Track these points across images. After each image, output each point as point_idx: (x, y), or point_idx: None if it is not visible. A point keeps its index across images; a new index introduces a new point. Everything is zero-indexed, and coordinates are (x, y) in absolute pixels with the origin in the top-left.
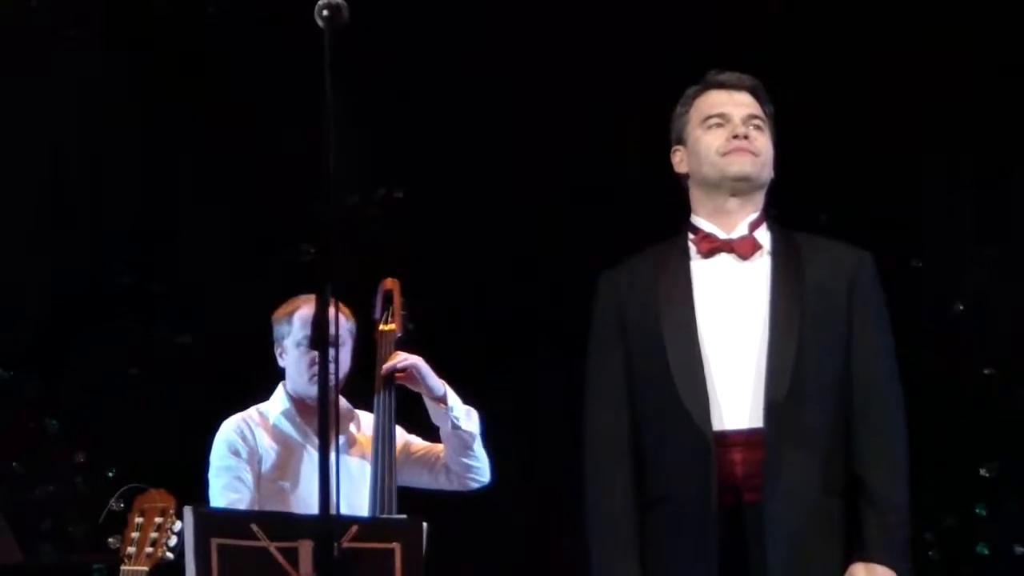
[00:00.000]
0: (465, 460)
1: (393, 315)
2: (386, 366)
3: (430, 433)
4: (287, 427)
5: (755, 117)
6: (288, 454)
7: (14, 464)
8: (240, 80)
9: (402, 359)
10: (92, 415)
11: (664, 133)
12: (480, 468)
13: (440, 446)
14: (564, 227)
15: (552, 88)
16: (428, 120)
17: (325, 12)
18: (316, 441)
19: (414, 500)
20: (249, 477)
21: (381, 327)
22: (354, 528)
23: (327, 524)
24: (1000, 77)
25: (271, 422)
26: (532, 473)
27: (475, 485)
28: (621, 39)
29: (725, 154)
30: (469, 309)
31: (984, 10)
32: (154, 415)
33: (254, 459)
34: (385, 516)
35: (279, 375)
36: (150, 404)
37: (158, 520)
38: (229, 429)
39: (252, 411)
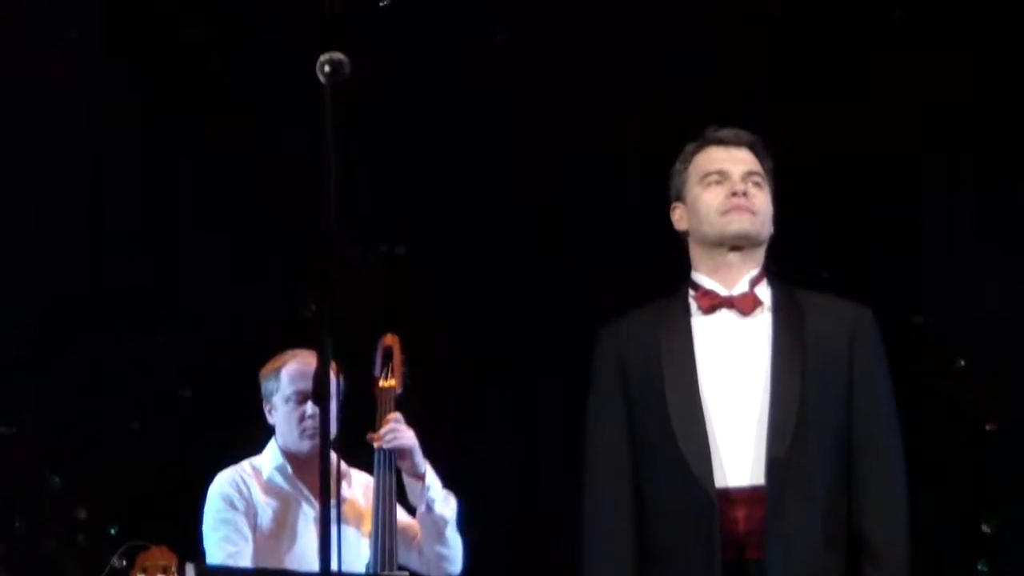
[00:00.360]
0: (438, 547)
1: (393, 371)
2: (384, 441)
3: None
4: (280, 482)
5: (754, 174)
6: (284, 509)
7: (16, 521)
8: (240, 132)
9: (399, 437)
10: (94, 471)
11: (665, 148)
12: (451, 556)
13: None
14: (568, 278)
15: (557, 134)
16: (430, 175)
17: (327, 68)
18: (310, 496)
19: None
20: (247, 530)
21: (381, 383)
22: None
23: None
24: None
25: (264, 477)
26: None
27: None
28: (621, 46)
29: (724, 213)
30: (471, 368)
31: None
32: (156, 471)
33: (250, 512)
34: (386, 573)
35: (271, 430)
36: (152, 460)
37: None
38: (224, 482)
39: (245, 464)
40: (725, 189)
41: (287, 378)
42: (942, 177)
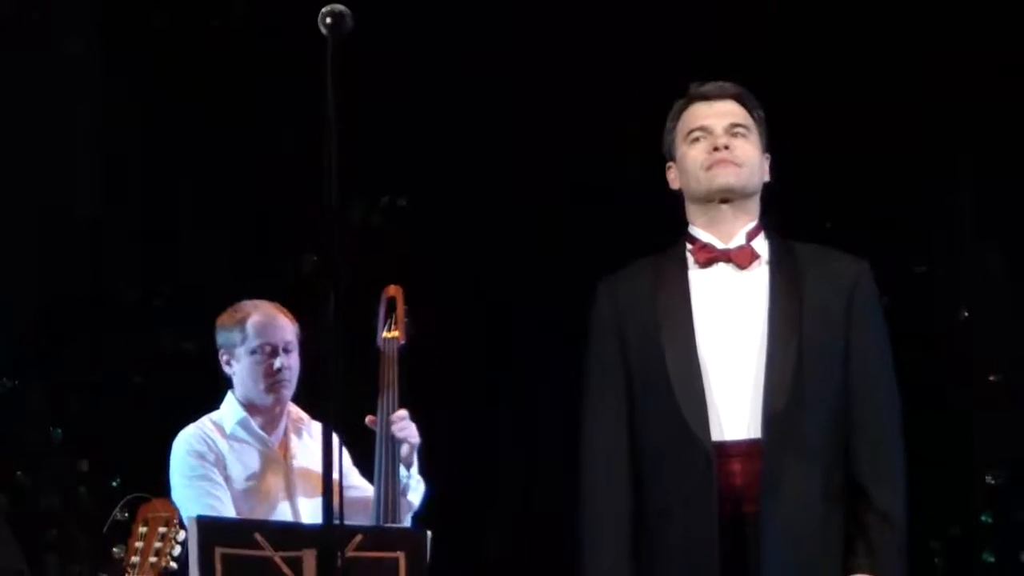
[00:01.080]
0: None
1: (396, 322)
2: (396, 430)
3: None
4: (243, 434)
5: (737, 126)
6: (249, 460)
7: (18, 474)
8: (242, 92)
9: (409, 432)
10: (96, 424)
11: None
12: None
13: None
14: (567, 233)
15: (554, 93)
16: (431, 128)
17: (328, 20)
18: (270, 443)
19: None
20: (223, 482)
21: (384, 334)
22: (358, 537)
23: (331, 533)
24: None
25: (228, 431)
26: (534, 483)
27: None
28: (620, 40)
29: (708, 168)
30: (472, 315)
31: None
32: (158, 424)
33: (220, 465)
34: (389, 525)
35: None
36: (154, 413)
37: (162, 530)
38: (190, 438)
39: (205, 420)
40: (708, 144)
41: (253, 330)
42: (945, 128)
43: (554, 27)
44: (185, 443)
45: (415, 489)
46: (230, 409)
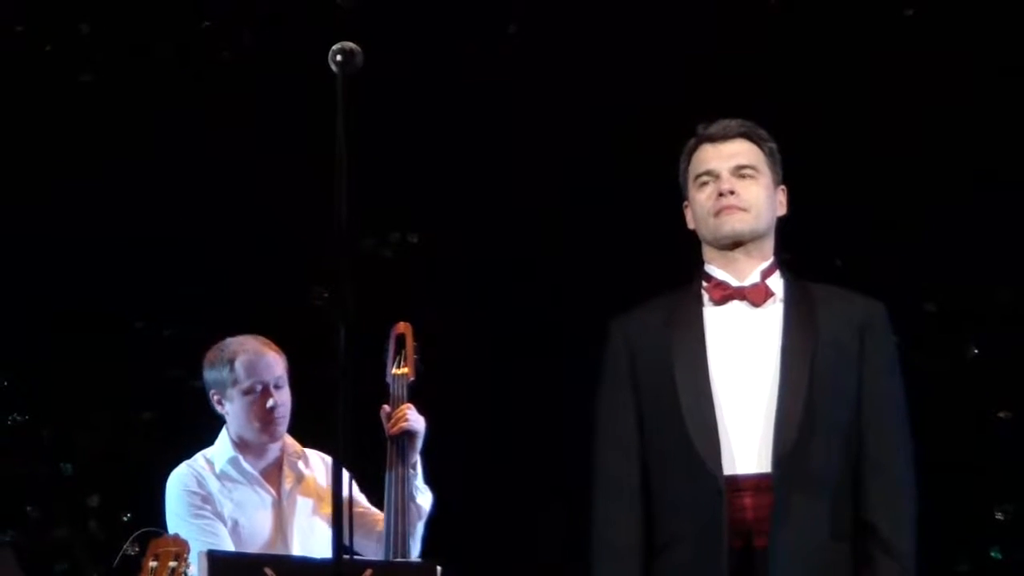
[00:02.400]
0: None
1: (406, 359)
2: (398, 427)
3: None
4: (234, 473)
5: (744, 167)
6: (239, 498)
7: (29, 508)
8: (254, 123)
9: (411, 422)
10: (107, 459)
11: (669, 144)
12: (411, 550)
13: (380, 514)
14: (578, 272)
15: (571, 125)
16: (443, 164)
17: (339, 57)
18: (263, 482)
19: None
20: (218, 520)
21: (394, 371)
22: (369, 572)
23: (341, 567)
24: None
25: (218, 470)
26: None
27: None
28: (621, 41)
29: (715, 214)
30: (483, 353)
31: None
32: (168, 459)
33: (211, 503)
34: (399, 560)
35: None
36: (164, 448)
37: (172, 564)
38: (184, 477)
39: (199, 458)
40: (714, 189)
41: (243, 369)
42: (953, 167)
43: (568, 66)
44: (178, 482)
45: (423, 494)
46: (222, 447)
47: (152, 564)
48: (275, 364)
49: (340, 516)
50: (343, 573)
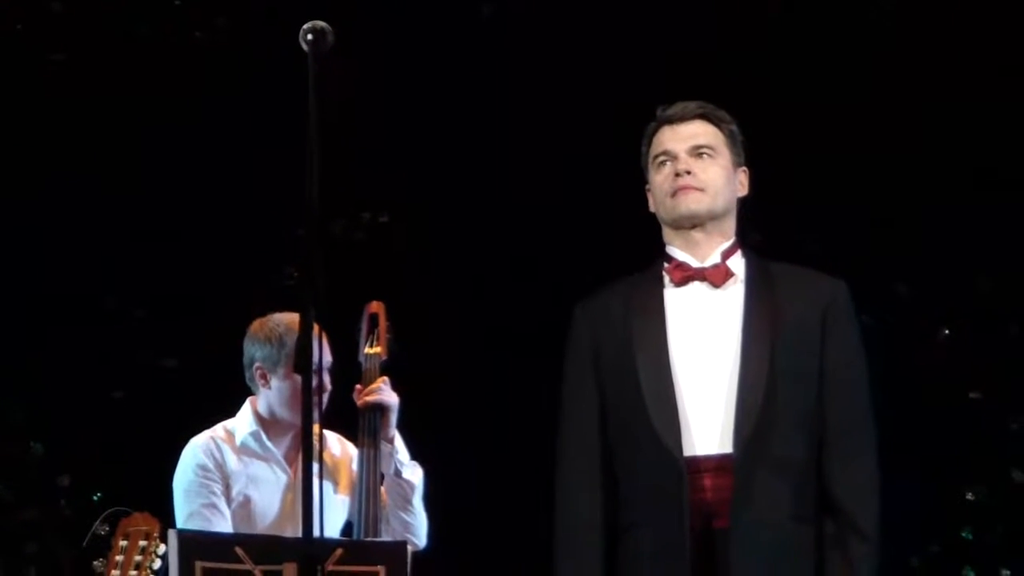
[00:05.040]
0: (403, 515)
1: (379, 338)
2: (368, 399)
3: None
4: (254, 447)
5: (701, 147)
6: (254, 473)
7: None
8: (224, 104)
9: (383, 395)
10: (77, 439)
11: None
12: (416, 527)
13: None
14: (550, 250)
15: (541, 113)
16: (414, 144)
17: (309, 36)
18: (282, 460)
19: None
20: (222, 501)
21: (367, 350)
22: (339, 551)
23: (312, 547)
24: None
25: (238, 441)
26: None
27: (410, 547)
28: (620, 40)
29: (673, 194)
30: (456, 332)
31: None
32: (138, 439)
33: (224, 480)
34: (370, 539)
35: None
36: (134, 428)
37: (142, 543)
38: (198, 450)
39: (219, 428)
40: (671, 169)
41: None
42: (925, 147)
43: (538, 49)
44: (193, 451)
45: (411, 469)
46: (244, 420)
47: (122, 543)
48: (327, 349)
49: (310, 498)
50: (314, 553)
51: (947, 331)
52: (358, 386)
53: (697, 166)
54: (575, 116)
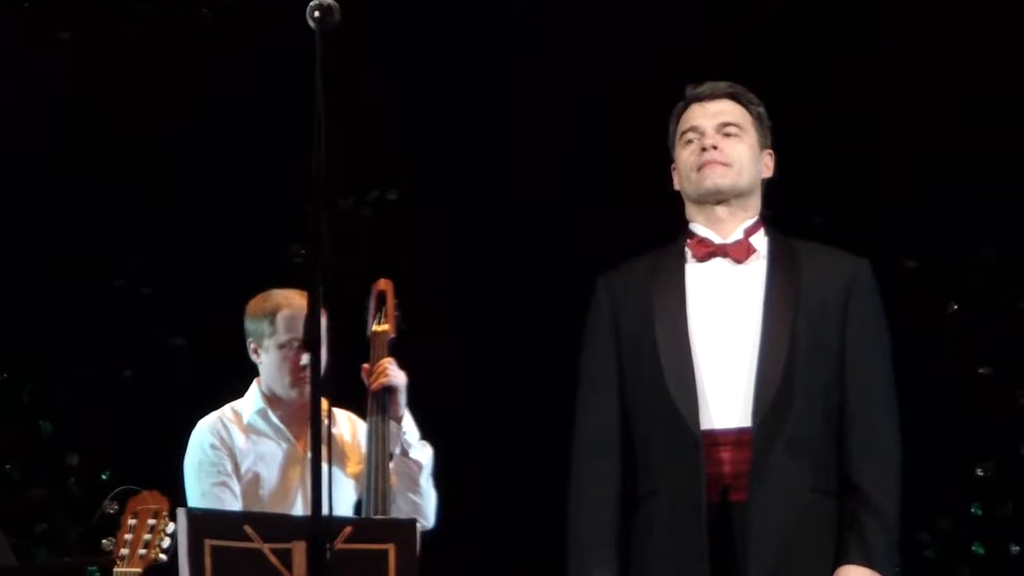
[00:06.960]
0: (411, 495)
1: (387, 316)
2: (378, 382)
3: None
4: (261, 425)
5: (728, 125)
6: (262, 451)
7: (7, 466)
8: (233, 81)
9: (391, 376)
10: (85, 418)
11: (664, 133)
12: (425, 507)
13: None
14: (561, 228)
15: (549, 88)
16: (422, 121)
17: (316, 13)
18: (291, 438)
19: None
20: (233, 479)
21: (375, 328)
22: (348, 529)
23: (321, 525)
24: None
25: (245, 421)
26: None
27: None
28: (621, 37)
29: (699, 169)
30: (463, 309)
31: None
32: (147, 417)
33: (232, 460)
34: (379, 517)
35: (253, 371)
36: (143, 406)
37: (151, 522)
38: (205, 430)
39: (227, 409)
40: (698, 145)
41: (283, 324)
42: (933, 123)
43: (552, 20)
44: (201, 431)
45: (419, 448)
46: (251, 399)
47: (131, 522)
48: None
49: (319, 476)
50: (323, 531)
51: (956, 306)
52: (365, 365)
53: (724, 143)
54: (589, 91)
